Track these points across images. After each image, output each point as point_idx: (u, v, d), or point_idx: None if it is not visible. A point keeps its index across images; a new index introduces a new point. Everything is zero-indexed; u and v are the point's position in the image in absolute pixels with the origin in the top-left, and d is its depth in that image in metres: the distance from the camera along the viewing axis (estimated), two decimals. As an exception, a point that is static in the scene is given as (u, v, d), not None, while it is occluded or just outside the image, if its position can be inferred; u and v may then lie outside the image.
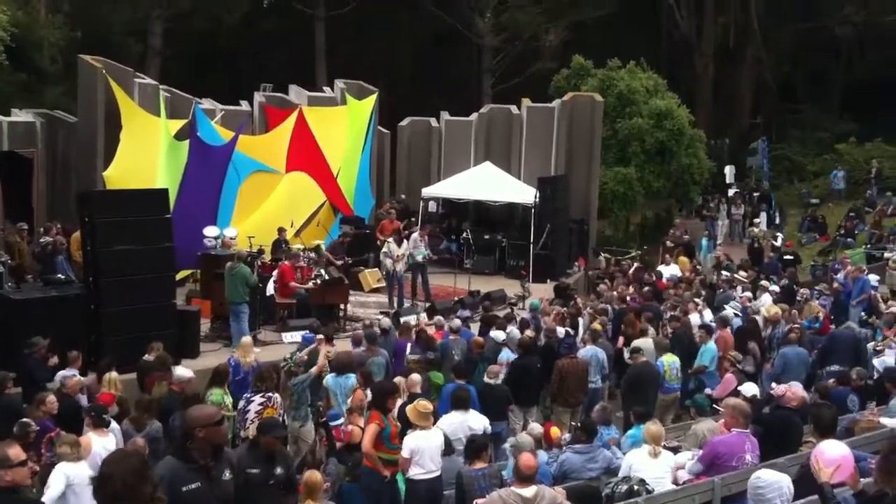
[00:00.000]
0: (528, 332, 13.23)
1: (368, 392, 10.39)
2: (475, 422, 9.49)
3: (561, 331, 13.63)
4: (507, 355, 12.56)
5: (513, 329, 13.59)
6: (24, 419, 8.94)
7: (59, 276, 15.41)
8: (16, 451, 5.57)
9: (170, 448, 7.95)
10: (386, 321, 13.84)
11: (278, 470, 6.96)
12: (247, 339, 12.45)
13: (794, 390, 9.43)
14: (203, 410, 6.13)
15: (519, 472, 6.57)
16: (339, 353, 12.02)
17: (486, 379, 11.28)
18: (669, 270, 20.55)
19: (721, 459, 7.93)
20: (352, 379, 10.97)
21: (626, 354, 13.12)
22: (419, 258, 18.38)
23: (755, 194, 33.27)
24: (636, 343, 12.93)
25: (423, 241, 18.92)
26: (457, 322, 13.55)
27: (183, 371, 10.76)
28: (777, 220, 31.40)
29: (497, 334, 13.18)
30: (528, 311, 15.93)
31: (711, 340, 13.37)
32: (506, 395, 11.35)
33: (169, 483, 5.54)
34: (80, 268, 14.63)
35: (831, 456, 5.51)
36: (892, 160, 32.49)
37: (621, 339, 14.11)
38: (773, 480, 5.83)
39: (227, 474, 6.02)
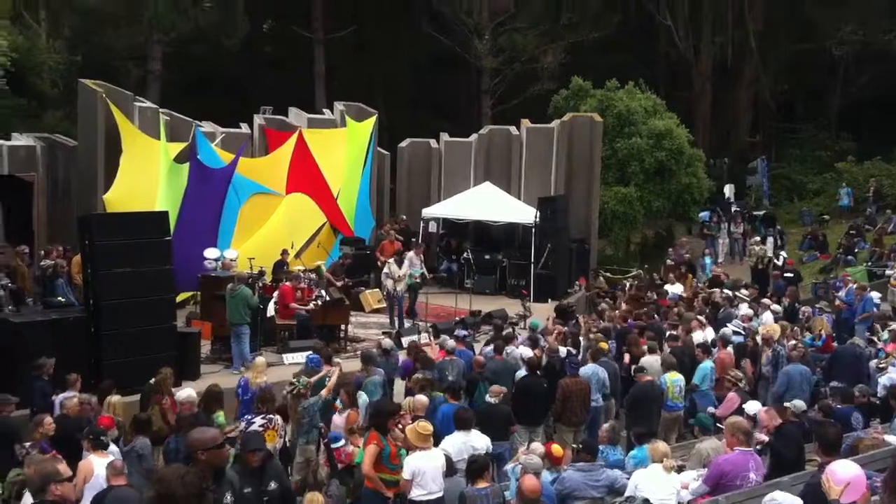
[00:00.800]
0: (536, 352, 13.19)
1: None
2: (478, 442, 9.43)
3: (563, 350, 13.59)
4: (523, 374, 12.54)
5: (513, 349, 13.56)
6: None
7: (60, 298, 15.40)
8: (64, 467, 5.72)
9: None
10: (388, 341, 13.81)
11: (272, 485, 6.90)
12: (261, 359, 12.31)
13: (766, 414, 9.29)
14: (205, 433, 6.13)
15: (522, 496, 6.50)
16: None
17: (487, 398, 11.23)
18: (674, 289, 20.51)
19: (726, 479, 7.88)
20: (363, 397, 10.98)
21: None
22: (415, 276, 18.39)
23: (755, 213, 33.28)
24: (642, 361, 12.88)
25: (418, 259, 18.95)
26: (451, 343, 13.47)
27: (183, 393, 10.66)
28: (780, 241, 31.38)
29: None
30: (528, 331, 15.89)
31: (708, 359, 13.31)
32: (508, 415, 11.29)
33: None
34: (81, 291, 14.61)
35: (843, 475, 5.48)
36: (891, 178, 32.55)
37: (627, 358, 14.04)
38: (789, 503, 5.81)
39: (228, 497, 5.99)
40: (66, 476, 5.65)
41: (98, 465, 8.45)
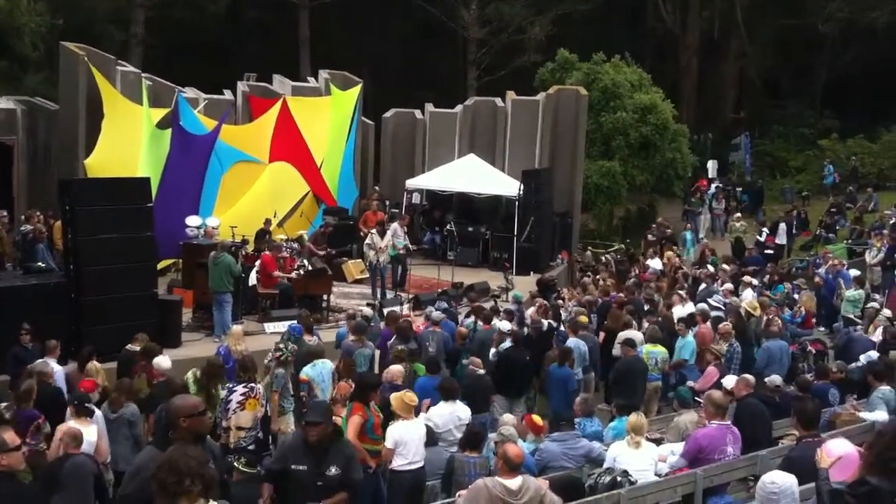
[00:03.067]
0: (513, 325, 13.23)
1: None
2: (463, 412, 9.49)
3: (544, 323, 13.63)
4: (508, 345, 12.57)
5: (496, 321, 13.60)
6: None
7: (40, 264, 15.29)
8: (12, 436, 5.78)
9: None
10: (367, 311, 13.81)
11: (332, 470, 6.61)
12: (237, 327, 12.30)
13: (735, 384, 9.49)
14: (187, 400, 6.13)
15: (507, 461, 6.53)
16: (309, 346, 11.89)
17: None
18: (654, 264, 20.61)
19: (704, 453, 7.96)
20: (328, 364, 10.92)
21: (617, 349, 12.94)
22: (399, 247, 18.32)
23: (744, 189, 33.40)
24: (628, 335, 12.91)
25: (402, 230, 18.89)
26: (437, 314, 13.47)
27: (162, 360, 10.61)
28: (762, 217, 31.53)
29: (502, 324, 13.20)
30: (511, 303, 15.92)
31: (690, 334, 13.39)
32: (489, 386, 11.34)
33: (151, 473, 5.51)
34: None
35: (836, 451, 5.86)
36: (873, 156, 32.73)
37: (602, 334, 14.10)
38: (788, 486, 5.93)
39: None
40: (13, 445, 5.68)
41: (86, 433, 8.34)
